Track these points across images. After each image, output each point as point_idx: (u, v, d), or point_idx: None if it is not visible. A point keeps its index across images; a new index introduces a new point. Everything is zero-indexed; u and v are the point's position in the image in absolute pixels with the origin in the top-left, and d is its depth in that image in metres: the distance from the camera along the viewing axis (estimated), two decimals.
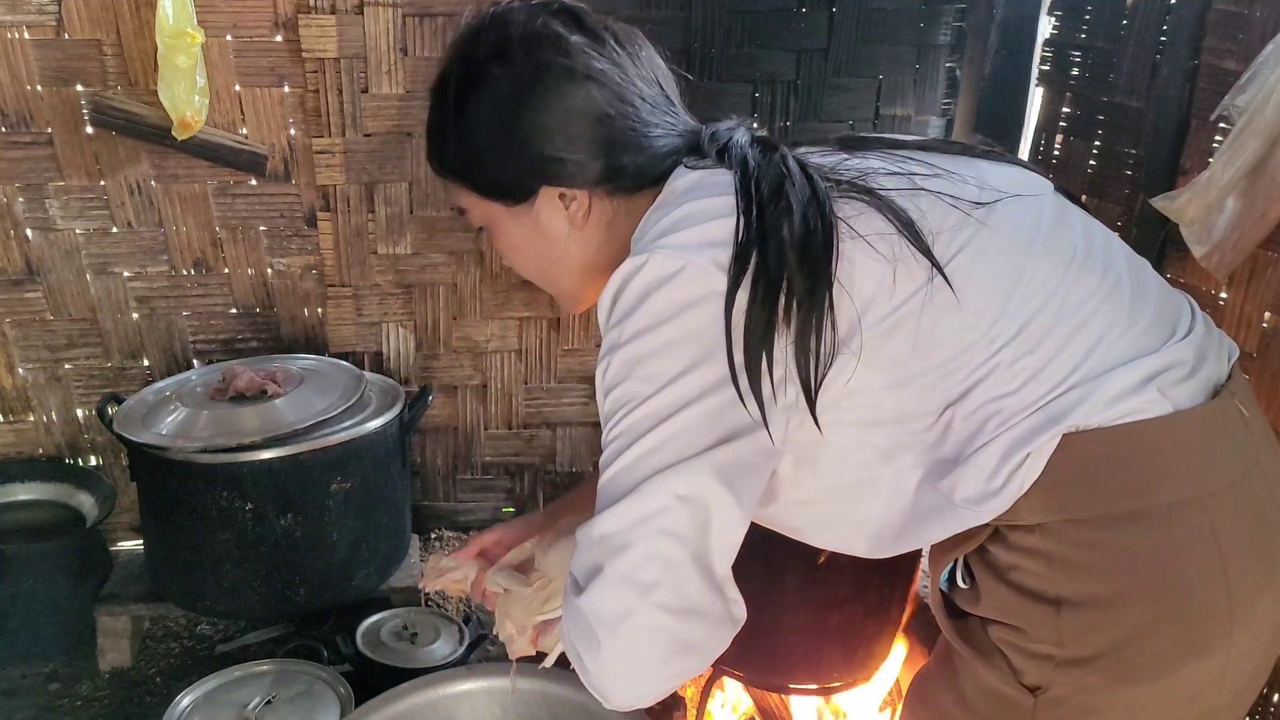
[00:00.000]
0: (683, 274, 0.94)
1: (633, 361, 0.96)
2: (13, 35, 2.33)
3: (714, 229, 0.96)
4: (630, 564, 0.95)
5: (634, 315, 0.95)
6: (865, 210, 0.98)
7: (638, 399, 0.95)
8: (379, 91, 2.52)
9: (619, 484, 0.96)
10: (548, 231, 1.12)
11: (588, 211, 1.10)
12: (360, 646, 2.10)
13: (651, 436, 0.94)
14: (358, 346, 2.74)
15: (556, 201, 1.09)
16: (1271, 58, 1.74)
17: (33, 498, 2.61)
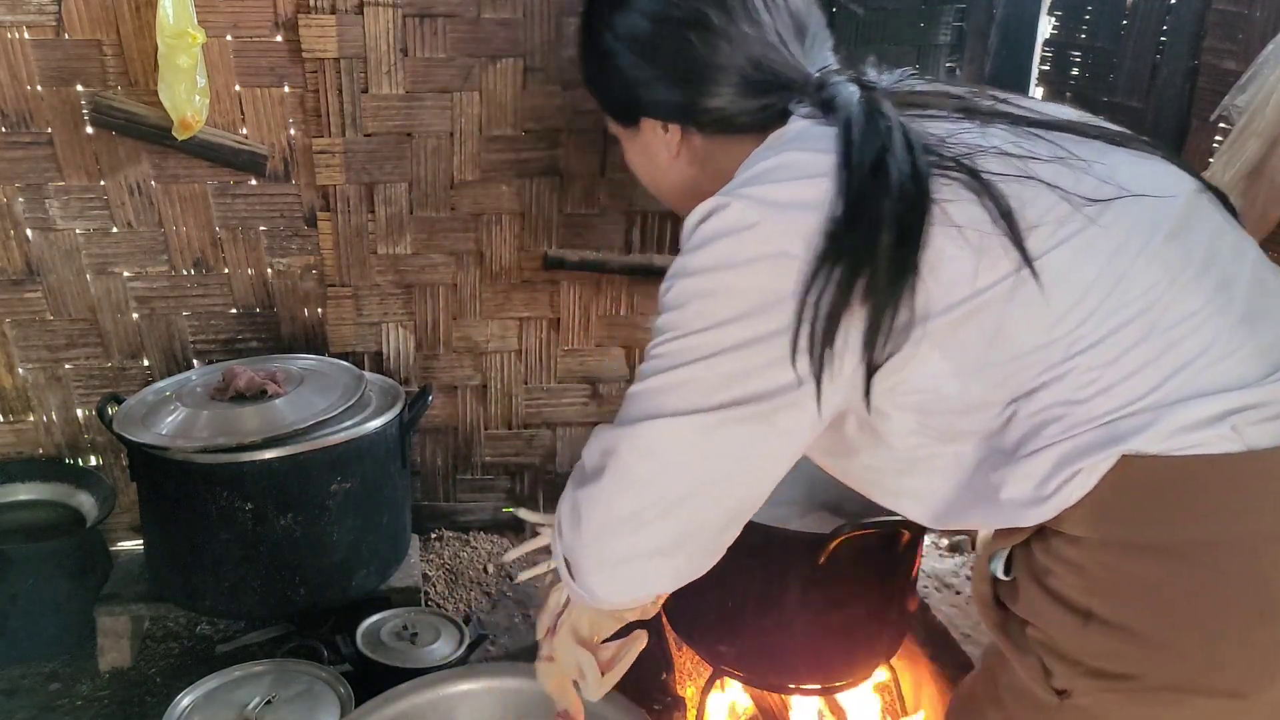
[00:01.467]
0: (757, 228, 0.94)
1: (691, 293, 0.98)
2: (13, 35, 2.33)
3: (803, 190, 0.95)
4: (625, 488, 1.03)
5: (704, 250, 0.98)
6: (963, 195, 0.95)
7: (685, 330, 0.98)
8: (379, 91, 2.52)
9: (643, 404, 1.01)
10: (652, 156, 1.21)
11: (681, 145, 1.17)
12: (360, 646, 2.10)
13: (686, 370, 0.97)
14: (358, 346, 2.74)
15: (659, 130, 1.17)
16: (1271, 58, 1.74)
17: (33, 498, 2.61)
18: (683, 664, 2.15)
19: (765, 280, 0.94)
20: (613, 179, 2.69)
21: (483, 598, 2.70)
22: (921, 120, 1.02)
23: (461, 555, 2.86)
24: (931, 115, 1.04)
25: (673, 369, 0.98)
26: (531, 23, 2.52)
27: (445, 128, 2.58)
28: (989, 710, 1.09)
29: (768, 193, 0.96)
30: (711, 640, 1.81)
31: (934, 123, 1.02)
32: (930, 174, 0.95)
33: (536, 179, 2.67)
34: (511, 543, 2.96)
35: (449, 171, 2.62)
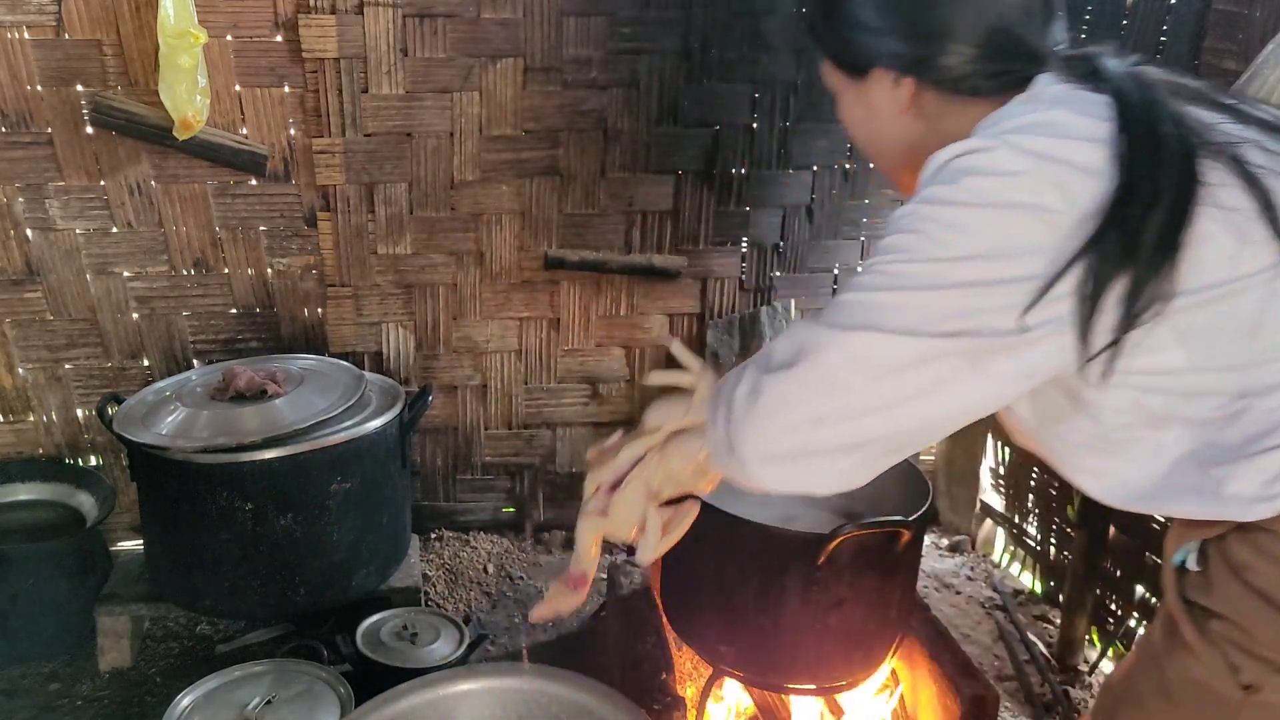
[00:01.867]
0: (1021, 176, 0.94)
1: (935, 221, 0.97)
2: (13, 35, 2.33)
3: (1076, 150, 0.95)
4: (819, 388, 1.00)
5: (957, 185, 0.97)
6: (1229, 180, 0.95)
7: (921, 256, 0.97)
8: (379, 91, 2.52)
9: (861, 314, 0.99)
10: (876, 109, 1.19)
11: (911, 100, 1.15)
12: (360, 646, 2.10)
13: (914, 294, 0.96)
14: (358, 346, 2.74)
15: (888, 84, 1.16)
16: (1271, 58, 1.74)
17: (33, 498, 2.62)
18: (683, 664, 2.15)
19: (1019, 229, 0.94)
20: (613, 179, 2.69)
21: (483, 598, 2.70)
22: (1183, 105, 1.02)
23: (461, 555, 2.86)
24: (1190, 103, 1.03)
25: (900, 289, 0.97)
26: (531, 23, 2.52)
27: (445, 128, 2.58)
28: (1156, 703, 1.08)
29: (1038, 145, 0.95)
30: (711, 640, 1.81)
31: (1194, 108, 1.02)
32: (1199, 155, 0.95)
33: (536, 179, 2.67)
34: (512, 543, 2.96)
35: (449, 171, 2.62)
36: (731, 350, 2.81)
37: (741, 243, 2.83)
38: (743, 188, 2.76)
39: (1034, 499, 2.78)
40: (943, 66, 1.11)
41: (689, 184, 2.74)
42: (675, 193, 2.74)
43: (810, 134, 2.75)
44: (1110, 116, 0.97)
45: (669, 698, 1.81)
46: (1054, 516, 2.69)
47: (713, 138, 2.70)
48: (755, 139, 2.72)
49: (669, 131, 2.68)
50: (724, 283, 2.85)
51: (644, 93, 2.63)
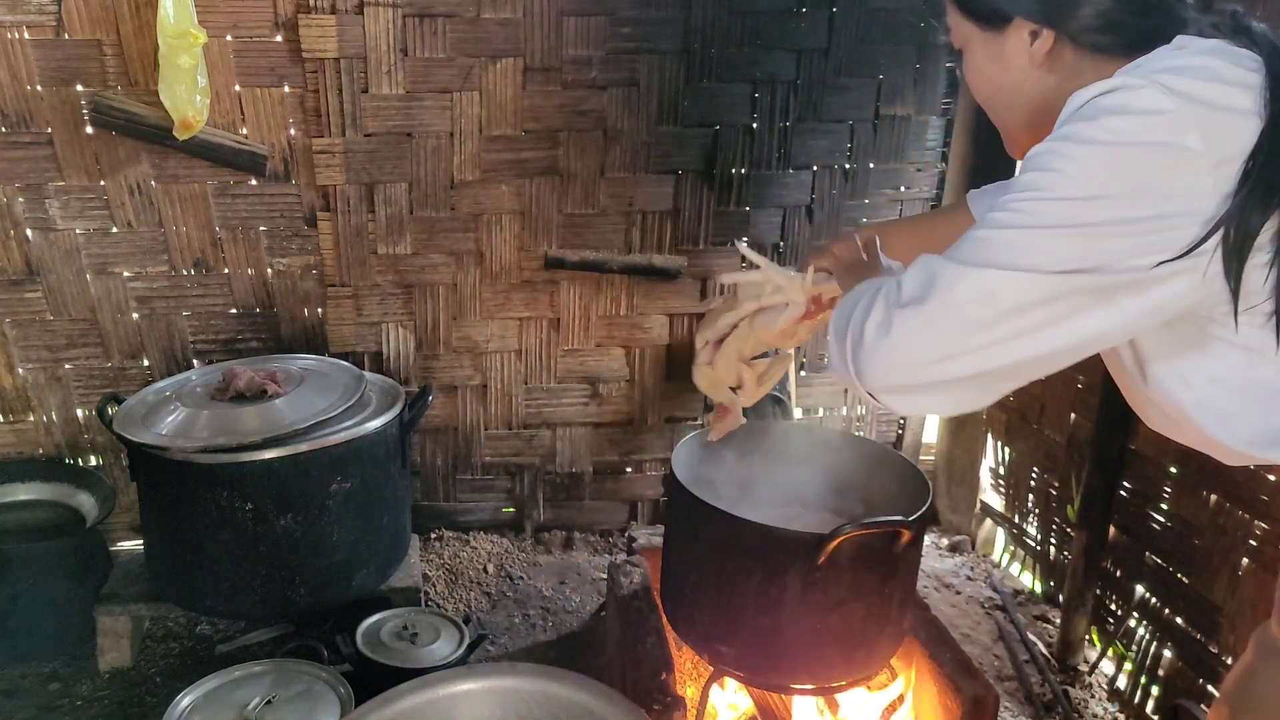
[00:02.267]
0: (1166, 116, 0.96)
1: (1068, 158, 0.99)
2: (13, 35, 2.33)
3: (1225, 94, 0.97)
4: (949, 324, 1.03)
5: (1098, 123, 0.98)
6: None
7: (1051, 194, 0.99)
8: (379, 91, 2.52)
9: (992, 251, 1.01)
10: (1008, 62, 1.20)
11: (1049, 53, 1.16)
12: (360, 646, 2.10)
13: (1049, 233, 0.98)
14: (358, 346, 2.75)
15: (1024, 36, 1.17)
16: None
17: (33, 498, 2.62)
18: (683, 664, 2.15)
19: (1155, 168, 0.96)
20: (613, 179, 2.70)
21: (483, 598, 2.70)
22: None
23: (461, 555, 2.86)
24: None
25: (1031, 227, 0.99)
26: (531, 23, 2.52)
27: (445, 128, 2.58)
28: None
29: (1187, 86, 0.97)
30: (711, 640, 1.81)
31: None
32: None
33: (536, 179, 2.67)
34: (512, 543, 2.96)
35: (449, 171, 2.62)
36: None
37: (741, 243, 2.83)
38: (743, 188, 2.76)
39: (1034, 499, 2.78)
40: (1086, 17, 1.12)
41: (689, 184, 2.74)
42: (675, 193, 2.74)
43: (810, 134, 2.75)
44: (1258, 69, 1.00)
45: (669, 698, 1.81)
46: (1054, 516, 2.69)
47: (713, 138, 2.70)
48: (755, 139, 2.72)
49: (669, 131, 2.68)
50: None
51: (644, 93, 2.63)
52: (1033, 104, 1.21)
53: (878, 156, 2.81)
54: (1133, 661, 2.31)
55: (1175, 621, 2.18)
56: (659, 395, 2.93)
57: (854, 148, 2.79)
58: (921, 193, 2.88)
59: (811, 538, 1.62)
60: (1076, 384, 2.52)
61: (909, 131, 2.80)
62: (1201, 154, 0.95)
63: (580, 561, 2.91)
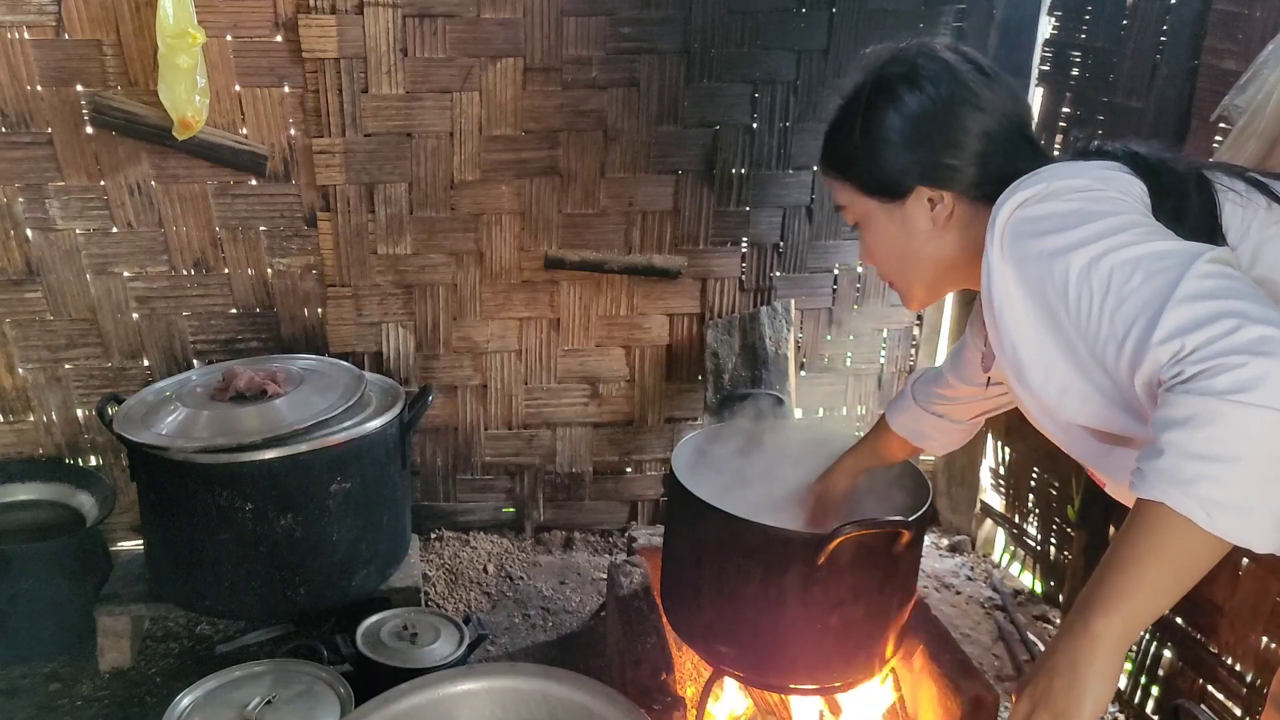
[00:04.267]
0: (1096, 185, 1.09)
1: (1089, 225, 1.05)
2: (13, 35, 2.33)
3: (1111, 171, 1.12)
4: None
5: (1060, 198, 1.09)
6: (1222, 177, 1.14)
7: (1112, 246, 1.01)
8: (379, 91, 2.52)
9: (1137, 307, 0.97)
10: (912, 228, 1.29)
11: (950, 214, 1.26)
12: (360, 646, 2.10)
13: (1151, 248, 1.00)
14: (358, 346, 2.74)
15: (924, 203, 1.26)
16: (1271, 58, 1.74)
17: (33, 498, 2.62)
18: (683, 664, 2.15)
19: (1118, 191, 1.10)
20: (613, 179, 2.70)
21: (483, 598, 2.70)
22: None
23: (461, 555, 2.86)
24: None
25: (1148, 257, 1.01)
26: (531, 23, 2.52)
27: (445, 128, 2.58)
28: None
29: (1085, 169, 1.12)
30: (711, 640, 1.81)
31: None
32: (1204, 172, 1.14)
33: (536, 179, 2.67)
34: (512, 543, 2.96)
35: (449, 171, 2.62)
36: (731, 350, 2.81)
37: (741, 243, 2.83)
38: (743, 188, 2.76)
39: (1034, 499, 2.78)
40: (977, 173, 1.23)
41: (689, 184, 2.74)
42: (675, 193, 2.74)
43: (810, 134, 2.74)
44: (1106, 162, 1.15)
45: (669, 698, 1.81)
46: (1054, 516, 2.69)
47: (713, 138, 2.70)
48: (755, 139, 2.72)
49: (669, 131, 2.68)
50: (724, 283, 2.85)
51: (644, 93, 2.63)
52: (939, 261, 1.30)
53: None
54: (1132, 661, 2.31)
55: (1175, 621, 2.18)
56: (659, 395, 2.93)
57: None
58: None
59: (811, 538, 1.62)
60: None
61: None
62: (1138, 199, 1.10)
63: (580, 561, 2.91)
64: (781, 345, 2.79)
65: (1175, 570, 0.93)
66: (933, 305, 2.96)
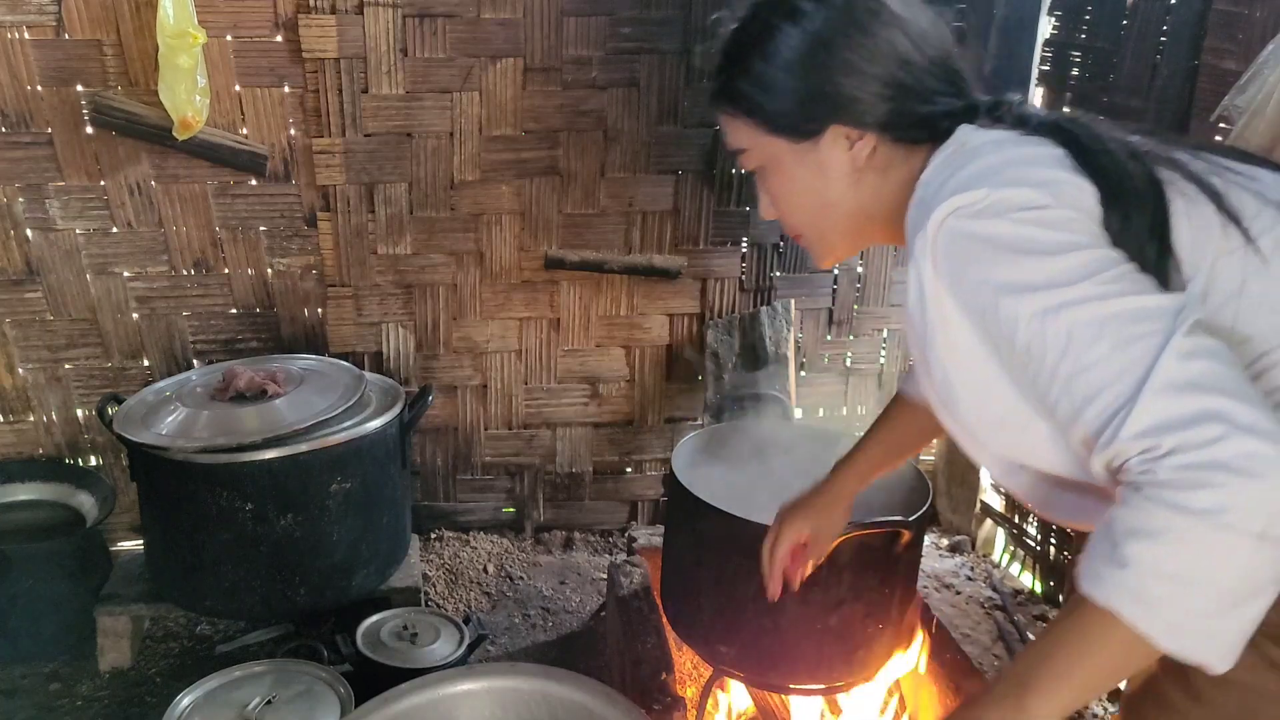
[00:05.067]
0: (1047, 204, 0.93)
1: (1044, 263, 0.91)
2: (13, 35, 2.33)
3: (1055, 172, 0.95)
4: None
5: (1004, 217, 0.93)
6: (1176, 179, 0.97)
7: (1072, 298, 0.89)
8: (379, 91, 2.52)
9: (1102, 380, 0.88)
10: (828, 171, 1.12)
11: (871, 154, 1.11)
12: (360, 646, 2.10)
13: (1118, 307, 0.88)
14: (358, 346, 2.74)
15: (843, 141, 1.10)
16: (1271, 58, 1.74)
17: (33, 498, 2.61)
18: (683, 664, 2.15)
19: (1079, 226, 0.93)
20: (613, 179, 2.69)
21: (483, 598, 2.70)
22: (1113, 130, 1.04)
23: (461, 555, 2.86)
24: (1122, 130, 1.06)
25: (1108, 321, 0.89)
26: (531, 23, 2.52)
27: (445, 128, 2.58)
28: (1185, 705, 1.02)
29: (1027, 164, 0.96)
30: (711, 640, 1.81)
31: (1126, 135, 1.04)
32: (1152, 163, 0.98)
33: (536, 179, 2.67)
34: (512, 543, 2.96)
35: (449, 171, 2.62)
36: (731, 350, 2.81)
37: (741, 243, 2.83)
38: (743, 188, 2.76)
39: None
40: (901, 110, 1.08)
41: (689, 184, 2.74)
42: (675, 193, 2.74)
43: None
44: (1058, 146, 0.98)
45: (669, 698, 1.81)
46: None
47: (713, 138, 2.70)
48: None
49: (669, 131, 2.68)
50: (724, 283, 2.85)
51: (644, 93, 2.63)
52: (858, 210, 1.15)
53: None
54: None
55: None
56: (659, 395, 2.93)
57: None
58: None
59: None
60: None
61: None
62: (1092, 212, 0.94)
63: (580, 561, 2.91)
64: (781, 345, 2.79)
65: (1119, 670, 0.89)
66: None
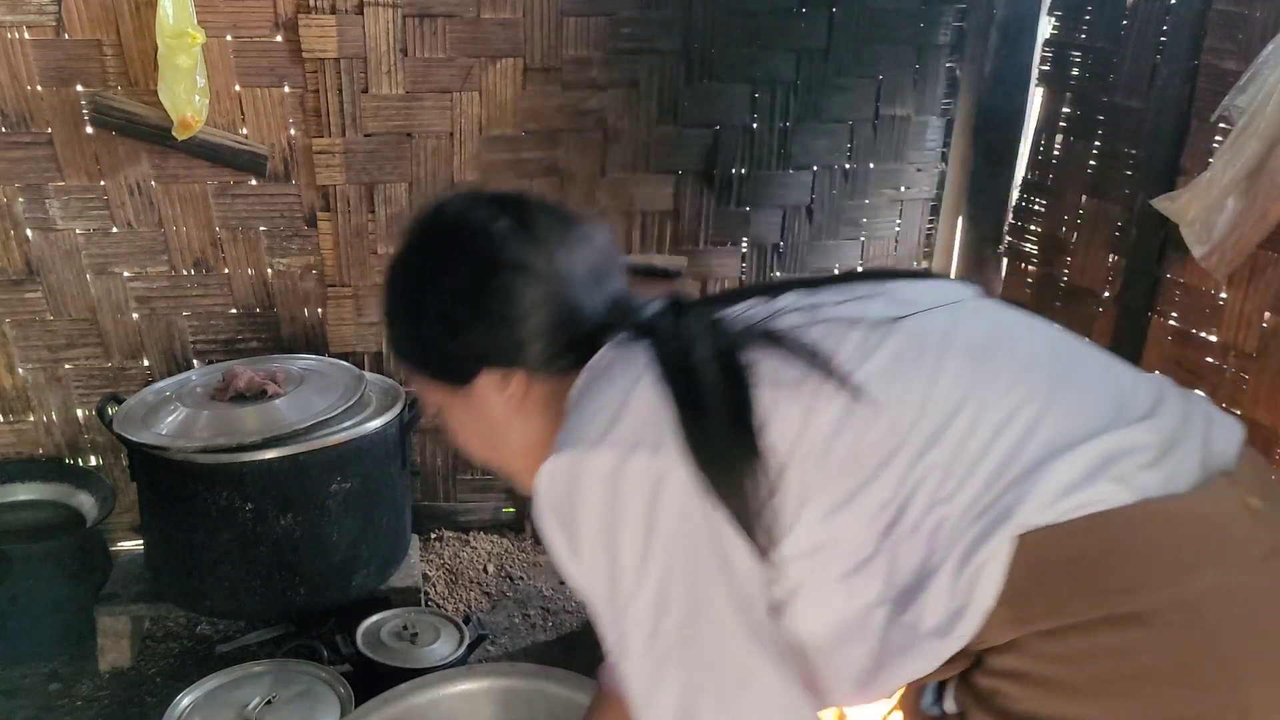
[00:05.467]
0: (623, 470, 0.94)
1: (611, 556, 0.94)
2: (13, 35, 2.33)
3: (635, 417, 0.96)
4: None
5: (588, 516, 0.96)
6: (772, 354, 0.98)
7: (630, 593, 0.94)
8: (379, 91, 2.52)
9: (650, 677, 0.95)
10: (489, 413, 1.13)
11: (525, 392, 1.11)
12: (360, 646, 2.10)
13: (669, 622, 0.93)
14: (358, 346, 2.74)
15: (497, 383, 1.11)
16: (1271, 58, 1.74)
17: (33, 498, 2.61)
18: None
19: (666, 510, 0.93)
20: (613, 179, 2.69)
21: (483, 598, 2.70)
22: (718, 309, 1.07)
23: (461, 555, 2.86)
24: (726, 302, 1.09)
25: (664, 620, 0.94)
26: (531, 23, 2.52)
27: (445, 128, 2.58)
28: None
29: (616, 434, 0.96)
30: None
31: (728, 308, 1.07)
32: (738, 348, 0.98)
33: (536, 179, 2.67)
34: (512, 543, 2.96)
35: (449, 171, 2.62)
36: None
37: (741, 243, 2.83)
38: (743, 188, 2.76)
39: None
40: (542, 350, 1.09)
41: (689, 184, 2.74)
42: (675, 193, 2.74)
43: (810, 134, 2.75)
44: (649, 358, 0.99)
45: None
46: None
47: (713, 138, 2.70)
48: (755, 139, 2.72)
49: (669, 131, 2.68)
50: (724, 283, 2.85)
51: (644, 93, 2.63)
52: (531, 441, 1.14)
53: (877, 157, 2.81)
54: None
55: None
56: None
57: (854, 148, 2.79)
58: (921, 193, 2.88)
59: None
60: None
61: (909, 132, 2.81)
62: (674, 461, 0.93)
63: None
64: None
65: None
66: None
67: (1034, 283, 2.66)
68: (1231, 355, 2.04)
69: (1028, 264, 2.68)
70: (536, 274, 1.07)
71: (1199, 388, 2.12)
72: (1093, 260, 2.44)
